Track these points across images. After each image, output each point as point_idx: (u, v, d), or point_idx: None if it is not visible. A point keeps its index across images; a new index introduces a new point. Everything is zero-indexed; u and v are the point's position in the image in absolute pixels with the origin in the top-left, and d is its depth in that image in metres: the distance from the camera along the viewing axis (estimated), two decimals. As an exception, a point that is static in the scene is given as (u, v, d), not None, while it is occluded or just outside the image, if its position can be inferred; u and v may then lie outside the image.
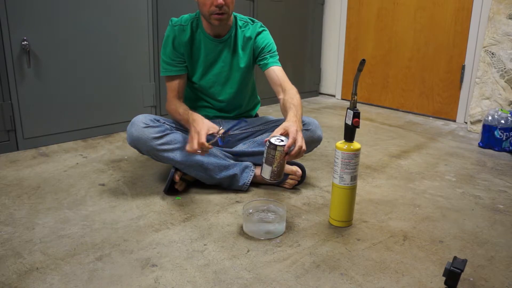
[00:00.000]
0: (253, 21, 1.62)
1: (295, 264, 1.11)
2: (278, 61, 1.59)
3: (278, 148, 1.21)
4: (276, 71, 1.54)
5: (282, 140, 1.23)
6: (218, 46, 1.58)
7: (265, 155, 1.24)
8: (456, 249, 1.20)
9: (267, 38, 1.60)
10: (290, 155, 1.23)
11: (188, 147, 1.34)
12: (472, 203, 1.51)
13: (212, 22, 1.48)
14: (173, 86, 1.58)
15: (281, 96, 1.50)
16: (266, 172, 1.26)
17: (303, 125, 1.56)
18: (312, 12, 3.24)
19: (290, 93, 1.47)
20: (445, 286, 1.02)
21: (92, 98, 2.12)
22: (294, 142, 1.23)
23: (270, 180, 1.26)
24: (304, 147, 1.25)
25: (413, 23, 2.83)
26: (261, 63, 1.59)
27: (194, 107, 1.65)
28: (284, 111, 1.43)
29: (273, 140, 1.23)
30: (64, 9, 1.95)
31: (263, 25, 1.63)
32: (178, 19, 1.57)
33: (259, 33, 1.60)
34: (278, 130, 1.26)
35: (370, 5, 3.04)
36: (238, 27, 1.59)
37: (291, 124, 1.28)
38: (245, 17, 1.63)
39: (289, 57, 3.08)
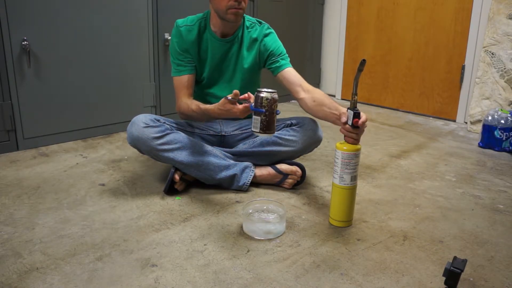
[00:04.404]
0: (260, 23, 1.62)
1: (295, 264, 1.11)
2: (289, 62, 1.59)
3: (265, 95, 1.20)
4: (292, 72, 1.54)
5: (271, 92, 1.22)
6: (224, 46, 1.57)
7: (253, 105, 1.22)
8: (456, 249, 1.20)
9: (275, 41, 1.60)
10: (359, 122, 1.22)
11: (239, 114, 1.32)
12: (472, 203, 1.51)
13: (227, 18, 1.47)
14: (184, 84, 1.57)
15: (302, 96, 1.49)
16: (256, 123, 1.22)
17: (303, 125, 1.57)
18: (312, 12, 3.23)
19: (317, 91, 1.49)
20: (445, 286, 1.02)
21: (92, 98, 2.12)
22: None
23: (260, 132, 1.22)
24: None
25: (413, 23, 2.83)
26: (273, 66, 1.58)
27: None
28: (322, 106, 1.43)
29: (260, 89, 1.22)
30: (64, 9, 1.95)
31: (270, 27, 1.62)
32: (184, 20, 1.57)
33: (266, 35, 1.59)
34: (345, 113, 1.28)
35: (370, 5, 3.04)
36: (245, 28, 1.59)
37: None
38: (253, 18, 1.63)
39: (289, 57, 3.07)
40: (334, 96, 3.41)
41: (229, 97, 1.30)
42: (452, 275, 0.99)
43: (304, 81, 1.52)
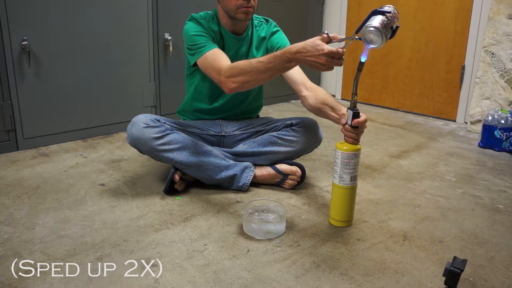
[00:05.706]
0: (267, 21, 1.62)
1: (295, 264, 1.11)
2: None
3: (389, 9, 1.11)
4: (297, 70, 1.51)
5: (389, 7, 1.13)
6: (236, 44, 1.56)
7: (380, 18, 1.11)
8: (456, 249, 1.20)
9: (282, 39, 1.59)
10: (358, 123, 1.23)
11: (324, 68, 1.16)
12: (472, 203, 1.51)
13: (238, 17, 1.46)
14: (221, 55, 1.40)
15: (304, 94, 1.48)
16: (373, 20, 1.10)
17: (303, 125, 1.57)
18: (312, 12, 3.23)
19: (320, 90, 1.47)
20: (445, 286, 1.02)
21: (92, 98, 2.12)
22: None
23: (375, 27, 1.08)
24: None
25: (413, 23, 2.83)
26: None
27: (194, 106, 1.65)
28: (324, 105, 1.43)
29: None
30: (64, 9, 1.95)
31: (276, 25, 1.62)
32: (199, 15, 1.52)
33: (273, 33, 1.59)
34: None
35: (370, 5, 3.04)
36: (254, 27, 1.59)
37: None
38: (260, 16, 1.63)
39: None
40: (334, 96, 3.41)
41: (327, 31, 1.18)
42: (452, 275, 0.99)
43: (308, 79, 1.51)
